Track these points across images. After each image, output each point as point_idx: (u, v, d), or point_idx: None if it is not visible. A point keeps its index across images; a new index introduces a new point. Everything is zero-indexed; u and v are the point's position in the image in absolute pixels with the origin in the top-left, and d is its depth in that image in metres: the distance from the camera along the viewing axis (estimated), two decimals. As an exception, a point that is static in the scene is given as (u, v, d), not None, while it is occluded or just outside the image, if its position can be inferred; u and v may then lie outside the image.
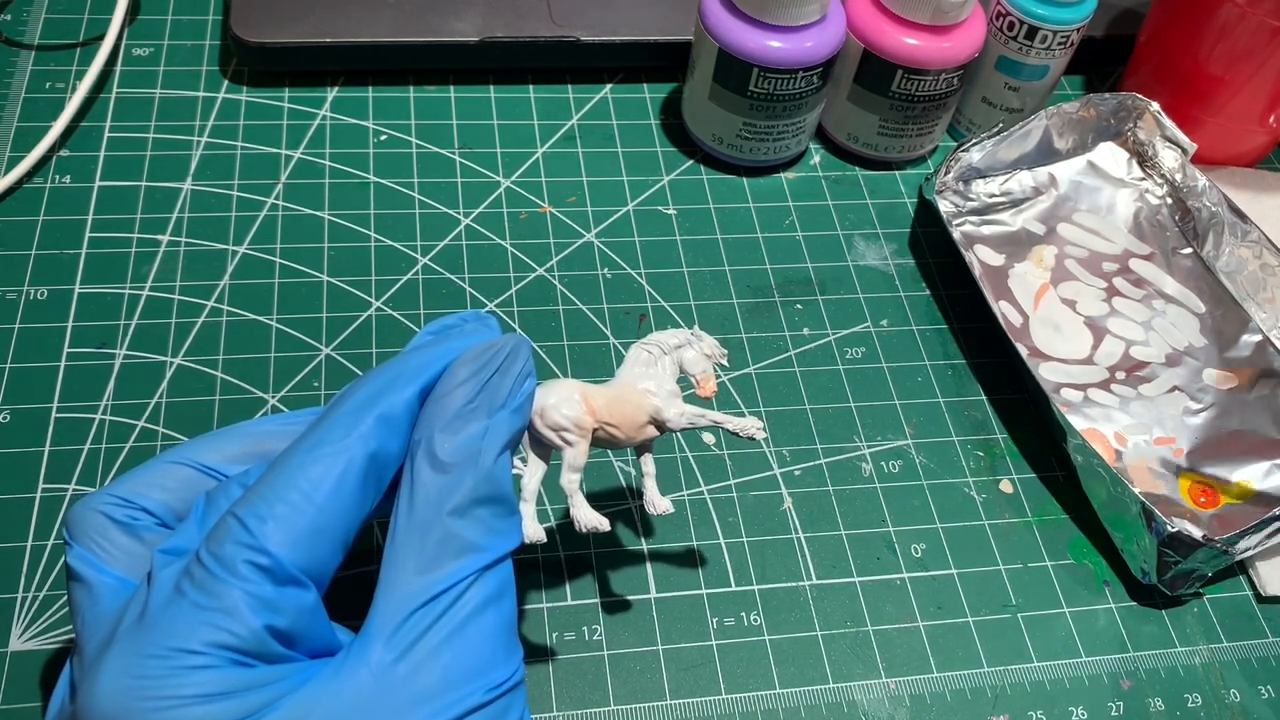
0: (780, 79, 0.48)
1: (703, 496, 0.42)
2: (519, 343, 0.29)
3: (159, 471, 0.29)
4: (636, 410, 0.32)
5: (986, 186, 0.52)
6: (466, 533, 0.27)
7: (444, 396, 0.28)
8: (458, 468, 0.27)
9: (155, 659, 0.24)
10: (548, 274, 0.48)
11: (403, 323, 0.45)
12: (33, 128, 0.49)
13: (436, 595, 0.26)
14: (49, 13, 0.54)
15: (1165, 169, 0.53)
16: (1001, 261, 0.50)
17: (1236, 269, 0.50)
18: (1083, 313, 0.49)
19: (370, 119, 0.52)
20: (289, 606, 0.25)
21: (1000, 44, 0.52)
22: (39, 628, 0.36)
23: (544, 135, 0.53)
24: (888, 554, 0.41)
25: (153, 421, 0.41)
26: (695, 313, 0.47)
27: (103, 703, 0.24)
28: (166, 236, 0.47)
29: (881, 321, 0.48)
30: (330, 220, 0.48)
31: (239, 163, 0.50)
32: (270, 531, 0.25)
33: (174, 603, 0.25)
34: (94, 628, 0.26)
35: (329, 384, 0.43)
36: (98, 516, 0.28)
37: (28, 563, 0.37)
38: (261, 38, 0.51)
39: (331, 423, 0.27)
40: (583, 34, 0.54)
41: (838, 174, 0.54)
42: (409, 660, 0.25)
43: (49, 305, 0.44)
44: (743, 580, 0.40)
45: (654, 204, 0.51)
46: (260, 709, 0.24)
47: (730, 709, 0.37)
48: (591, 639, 0.38)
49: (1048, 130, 0.52)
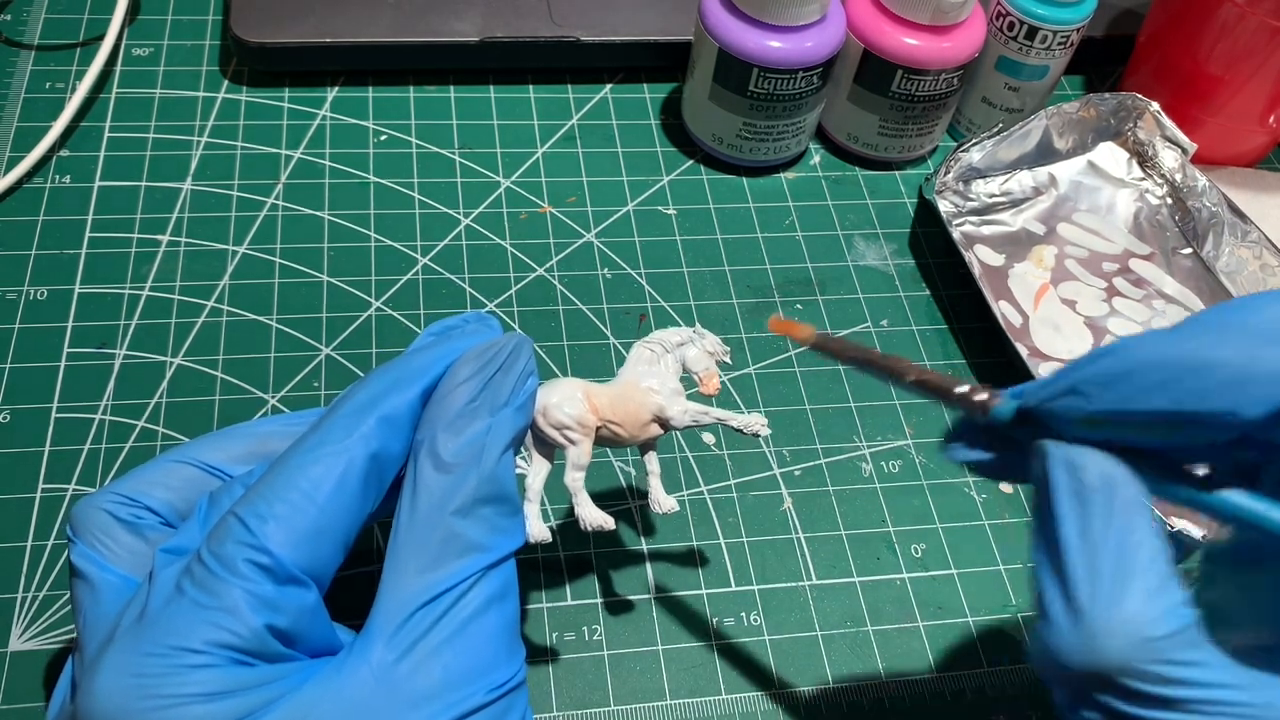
0: (780, 79, 0.48)
1: (703, 496, 0.42)
2: (521, 341, 0.29)
3: (163, 470, 0.29)
4: (640, 408, 0.32)
5: (986, 186, 0.52)
6: (469, 532, 0.27)
7: (446, 396, 0.28)
8: (460, 467, 0.27)
9: (155, 658, 0.24)
10: (548, 274, 0.48)
11: (403, 323, 0.45)
12: (33, 128, 0.49)
13: (438, 595, 0.26)
14: (49, 13, 0.54)
15: (1165, 169, 0.53)
16: (1001, 261, 0.50)
17: (1236, 269, 0.50)
18: (1083, 313, 0.49)
19: (370, 119, 0.52)
20: (289, 606, 0.25)
21: (1000, 44, 0.52)
22: (39, 628, 0.36)
23: (544, 135, 0.53)
24: (888, 554, 0.41)
25: (153, 421, 0.41)
26: (695, 313, 0.47)
27: (102, 701, 0.24)
28: (166, 236, 0.47)
29: (881, 321, 0.48)
30: (330, 220, 0.48)
31: (239, 163, 0.50)
32: (271, 531, 0.25)
33: (174, 601, 0.25)
34: (95, 626, 0.26)
35: (329, 384, 0.43)
36: (101, 514, 0.28)
37: (27, 563, 0.37)
38: (261, 38, 0.51)
39: (333, 423, 0.27)
40: (583, 34, 0.54)
41: (838, 174, 0.54)
42: (410, 660, 0.25)
43: (49, 305, 0.44)
44: (743, 580, 0.40)
45: (654, 204, 0.51)
46: (260, 708, 0.24)
47: (730, 709, 0.37)
48: (592, 639, 0.38)
49: (1048, 130, 0.52)
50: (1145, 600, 0.22)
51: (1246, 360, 0.22)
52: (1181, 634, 0.22)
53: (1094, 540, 0.23)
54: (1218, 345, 0.22)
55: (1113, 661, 0.22)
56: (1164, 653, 0.22)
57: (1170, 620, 0.22)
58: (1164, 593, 0.23)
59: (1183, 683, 0.22)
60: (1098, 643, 0.22)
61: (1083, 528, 0.23)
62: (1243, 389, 0.22)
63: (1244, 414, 0.22)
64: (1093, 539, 0.23)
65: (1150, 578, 0.23)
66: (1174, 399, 0.23)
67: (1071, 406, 0.24)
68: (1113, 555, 0.23)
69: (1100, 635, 0.22)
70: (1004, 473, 0.27)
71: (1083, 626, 0.22)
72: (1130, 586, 0.22)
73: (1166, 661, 0.22)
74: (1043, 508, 0.24)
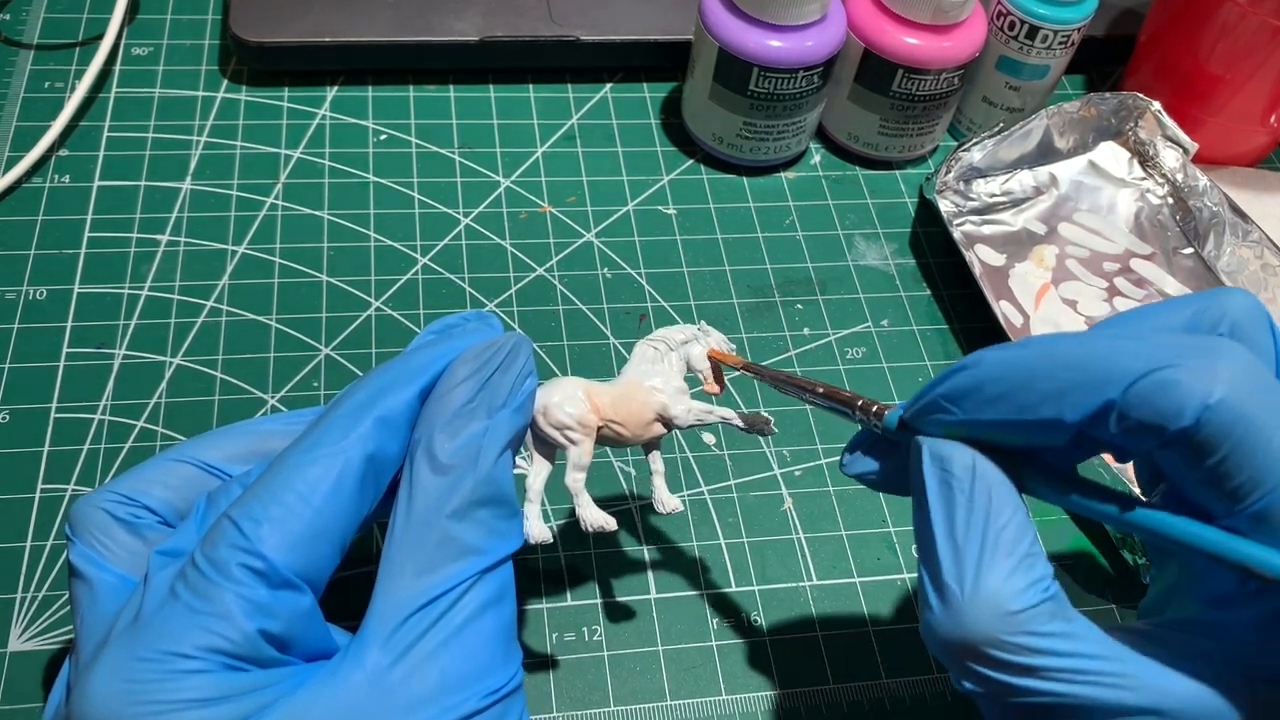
0: (780, 78, 0.48)
1: (703, 497, 0.42)
2: (519, 341, 0.29)
3: (161, 469, 0.29)
4: (643, 408, 0.32)
5: (987, 186, 0.52)
6: (466, 535, 0.26)
7: (443, 396, 0.28)
8: (457, 469, 0.27)
9: (148, 663, 0.24)
10: (548, 274, 0.48)
11: (402, 323, 0.45)
12: (32, 127, 0.49)
13: (434, 599, 0.26)
14: (48, 12, 0.54)
15: (1166, 169, 0.53)
16: (1002, 261, 0.50)
17: (1237, 269, 0.50)
18: (1084, 313, 0.49)
19: (370, 119, 0.52)
20: (283, 610, 0.25)
21: (1001, 43, 0.52)
22: (39, 628, 0.36)
23: (544, 135, 0.53)
24: (888, 554, 0.41)
25: (152, 421, 0.41)
26: (695, 313, 0.47)
27: (95, 706, 0.24)
28: (166, 236, 0.47)
29: (882, 321, 0.48)
30: (330, 220, 0.48)
31: (238, 162, 0.50)
32: (265, 534, 0.25)
33: (168, 605, 0.24)
34: (92, 627, 0.26)
35: (329, 384, 0.43)
36: (99, 513, 0.28)
37: (27, 563, 0.37)
38: (261, 37, 0.51)
39: (329, 424, 0.27)
40: (583, 34, 0.54)
41: (838, 174, 0.54)
42: (405, 664, 0.25)
43: (48, 305, 0.44)
44: (743, 580, 0.40)
45: (654, 204, 0.51)
46: (253, 713, 0.24)
47: (730, 709, 0.37)
48: (591, 639, 0.38)
49: (1048, 130, 0.52)
50: (1005, 577, 0.24)
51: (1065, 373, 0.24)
52: (1042, 606, 0.24)
53: (958, 525, 0.25)
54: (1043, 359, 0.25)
55: (978, 635, 0.24)
56: (1025, 625, 0.24)
57: (1030, 594, 0.24)
58: (1025, 570, 0.24)
59: (1045, 652, 0.24)
60: (963, 618, 0.24)
61: (948, 514, 0.26)
62: (1062, 398, 0.24)
63: (1068, 418, 0.24)
64: (956, 523, 0.25)
65: (1011, 558, 0.25)
66: (1011, 409, 0.25)
67: (936, 419, 0.27)
68: (976, 538, 0.25)
69: (965, 611, 0.24)
70: (892, 485, 0.30)
71: (950, 604, 0.25)
72: (991, 565, 0.24)
73: (1028, 633, 0.24)
74: (916, 498, 0.27)
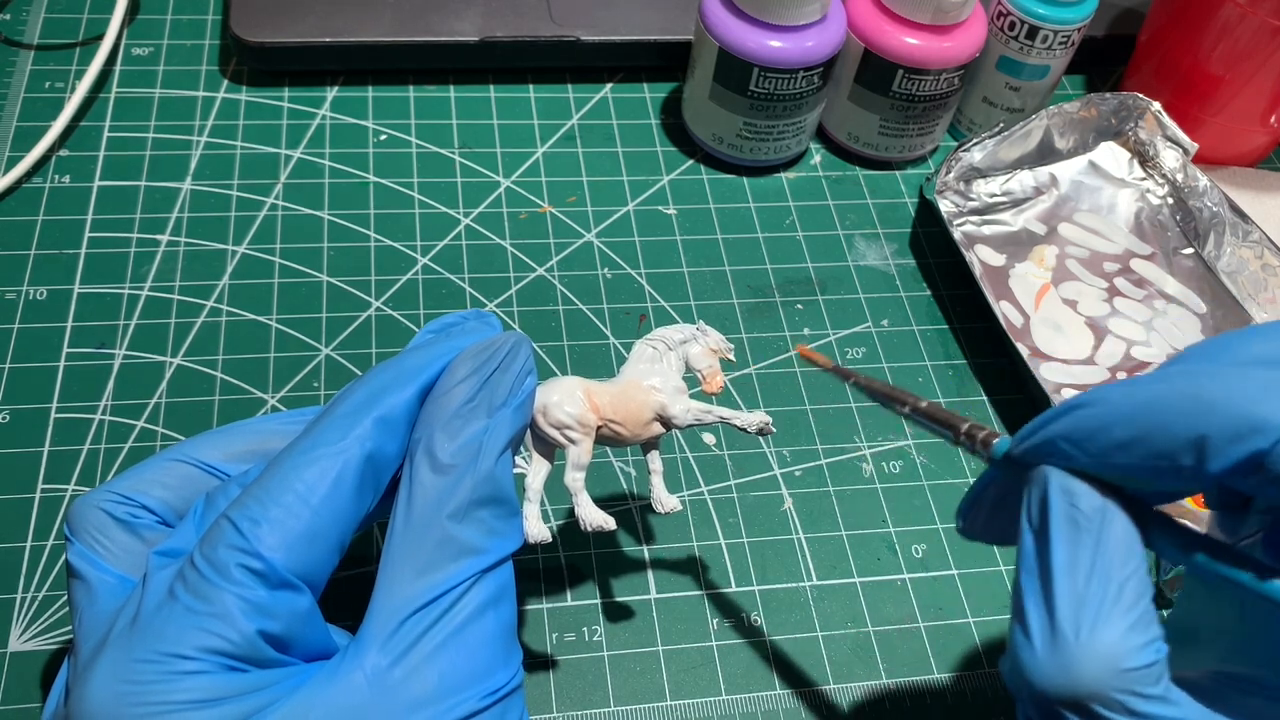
0: (780, 79, 0.48)
1: (703, 497, 0.42)
2: (519, 340, 0.29)
3: (160, 469, 0.29)
4: (642, 407, 0.32)
5: (987, 186, 0.52)
6: (466, 535, 0.26)
7: (443, 395, 0.28)
8: (457, 469, 0.27)
9: (147, 664, 0.24)
10: (548, 274, 0.48)
11: (402, 323, 0.45)
12: (32, 127, 0.49)
13: (434, 599, 0.26)
14: (49, 12, 0.54)
15: (1166, 169, 0.53)
16: (1002, 261, 0.50)
17: (1238, 269, 0.50)
18: (1084, 313, 0.49)
19: (370, 119, 0.52)
20: (282, 611, 0.25)
21: (1001, 44, 0.52)
22: (39, 628, 0.36)
23: (544, 135, 0.53)
24: (888, 555, 0.41)
25: (152, 421, 0.41)
26: (695, 313, 0.47)
27: (94, 707, 0.24)
28: (166, 236, 0.47)
29: (882, 321, 0.48)
30: (330, 220, 0.48)
31: (238, 162, 0.50)
32: (264, 535, 0.25)
33: (166, 606, 0.24)
34: (91, 628, 0.26)
35: (329, 384, 0.43)
36: (98, 513, 0.28)
37: (27, 563, 0.37)
38: (261, 37, 0.51)
39: (328, 424, 0.27)
40: (583, 34, 0.54)
41: (838, 174, 0.54)
42: (404, 665, 0.25)
43: (48, 305, 0.44)
44: (743, 581, 0.40)
45: (654, 204, 0.51)
46: (252, 714, 0.24)
47: (730, 709, 0.37)
48: (592, 640, 0.38)
49: (1049, 130, 0.52)
50: (1124, 632, 0.23)
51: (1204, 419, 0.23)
52: (1153, 668, 0.23)
53: (1080, 567, 0.24)
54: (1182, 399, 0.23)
55: (1084, 686, 0.23)
56: (1134, 684, 0.23)
57: (1145, 654, 0.23)
58: (1142, 628, 0.23)
59: (1148, 717, 0.23)
60: (1072, 666, 0.23)
61: (1073, 554, 0.24)
62: (1205, 446, 0.23)
63: (1211, 469, 0.23)
64: (1080, 566, 0.24)
65: (1132, 612, 0.23)
66: (1145, 455, 0.23)
67: (1052, 461, 0.25)
68: (1099, 584, 0.23)
69: (1076, 659, 0.23)
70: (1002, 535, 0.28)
71: (1061, 650, 0.23)
72: (1113, 616, 0.23)
73: (1134, 694, 0.23)
74: (1035, 529, 0.25)
